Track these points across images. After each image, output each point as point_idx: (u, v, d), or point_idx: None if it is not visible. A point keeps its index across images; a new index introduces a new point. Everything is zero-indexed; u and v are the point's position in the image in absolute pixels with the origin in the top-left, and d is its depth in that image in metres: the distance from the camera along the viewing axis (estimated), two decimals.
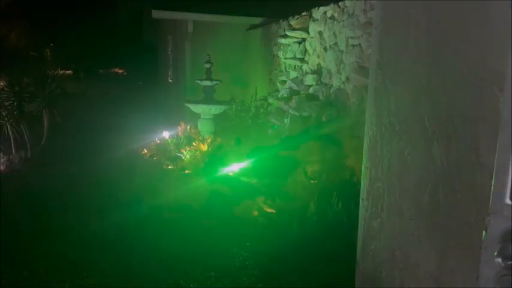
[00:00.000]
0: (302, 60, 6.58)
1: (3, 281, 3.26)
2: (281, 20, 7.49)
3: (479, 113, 1.52)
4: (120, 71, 29.94)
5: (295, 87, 6.47)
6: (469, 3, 1.56)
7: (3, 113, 6.81)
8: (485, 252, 1.09)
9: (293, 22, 6.67)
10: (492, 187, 1.09)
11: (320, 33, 6.06)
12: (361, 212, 2.37)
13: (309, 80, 6.14)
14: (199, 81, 6.80)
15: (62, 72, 8.80)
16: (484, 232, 1.09)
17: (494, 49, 1.45)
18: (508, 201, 1.05)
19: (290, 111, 5.97)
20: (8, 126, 6.79)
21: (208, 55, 6.83)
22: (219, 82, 6.80)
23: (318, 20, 6.12)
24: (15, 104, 6.84)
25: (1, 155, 6.85)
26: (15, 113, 6.83)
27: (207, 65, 6.76)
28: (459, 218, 1.58)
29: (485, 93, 1.49)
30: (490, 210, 1.08)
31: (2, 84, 7.11)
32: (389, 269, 2.07)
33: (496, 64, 1.43)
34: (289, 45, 6.95)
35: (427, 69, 1.81)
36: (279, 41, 7.16)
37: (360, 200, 2.39)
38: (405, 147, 1.97)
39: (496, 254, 1.03)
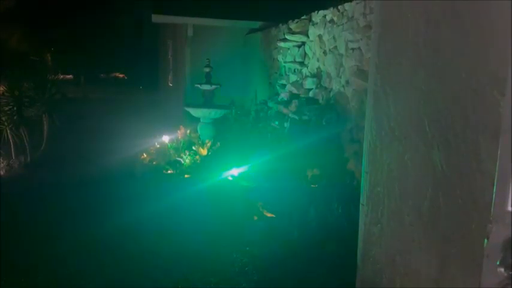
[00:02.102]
0: (302, 63, 6.57)
1: (1, 287, 3.24)
2: (280, 24, 7.49)
3: (480, 118, 1.50)
4: (121, 76, 30.00)
5: (295, 90, 6.46)
6: (468, 6, 1.55)
7: (3, 118, 6.79)
8: (487, 261, 1.06)
9: (292, 26, 6.67)
10: (494, 194, 1.07)
11: (320, 36, 6.05)
12: (361, 217, 2.35)
13: (309, 83, 6.13)
14: (198, 86, 6.79)
15: (62, 76, 8.81)
16: (485, 240, 1.07)
17: (494, 53, 1.43)
18: (509, 208, 1.03)
19: (290, 114, 5.96)
20: (8, 131, 6.78)
21: (207, 59, 6.83)
22: (218, 86, 6.79)
23: (317, 23, 6.12)
24: (15, 108, 6.83)
25: (1, 159, 6.84)
26: (15, 117, 6.82)
27: (207, 69, 6.75)
28: (460, 224, 1.56)
29: (485, 98, 1.47)
30: (491, 217, 1.06)
31: (1, 88, 7.10)
32: (389, 275, 2.05)
33: (496, 68, 1.41)
34: (288, 48, 6.95)
35: (427, 73, 1.79)
36: (278, 44, 7.16)
37: (360, 205, 2.37)
38: (405, 152, 1.95)
39: (498, 263, 1.01)
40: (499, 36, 1.41)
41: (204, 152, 5.94)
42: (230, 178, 5.30)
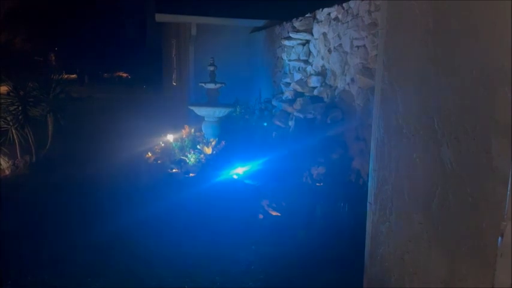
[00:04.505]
0: (306, 62, 6.55)
1: (7, 286, 3.25)
2: (285, 22, 7.47)
3: (491, 115, 1.48)
4: (124, 75, 30.07)
5: (299, 89, 6.43)
6: (479, 4, 1.52)
7: (8, 118, 6.82)
8: (501, 260, 1.05)
9: (297, 24, 6.64)
10: (508, 192, 1.05)
11: (324, 34, 6.02)
12: (369, 216, 2.33)
13: (314, 81, 6.10)
14: (203, 84, 6.78)
15: (66, 76, 8.82)
16: (500, 238, 1.05)
17: (505, 50, 1.41)
18: None
19: (295, 113, 5.93)
20: (13, 131, 6.81)
21: (212, 58, 6.82)
22: (223, 85, 6.77)
23: (322, 21, 6.09)
24: (20, 108, 6.85)
25: (6, 159, 6.87)
26: (20, 117, 6.84)
27: (211, 68, 6.74)
28: (470, 223, 1.54)
29: (496, 95, 1.45)
30: (505, 215, 1.04)
31: (7, 88, 7.13)
32: (398, 274, 2.03)
33: (507, 65, 1.39)
34: (293, 47, 6.92)
35: (436, 70, 1.77)
36: (282, 42, 7.13)
37: (368, 203, 2.35)
38: (414, 149, 1.94)
39: None
40: (510, 33, 1.39)
41: (208, 150, 5.94)
42: (235, 177, 5.29)
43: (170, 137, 6.70)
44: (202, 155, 5.88)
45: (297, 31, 6.49)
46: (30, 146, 6.94)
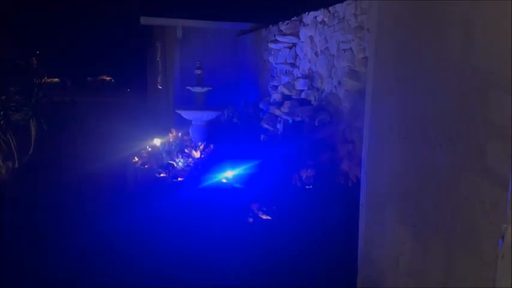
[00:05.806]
0: (293, 65, 6.57)
1: None
2: (271, 26, 7.48)
3: (485, 116, 1.49)
4: (108, 79, 29.73)
5: (286, 92, 6.44)
6: (471, 4, 1.54)
7: None
8: (502, 261, 1.05)
9: (283, 27, 6.66)
10: (509, 195, 1.05)
11: (311, 38, 6.05)
12: (362, 218, 2.33)
13: (301, 84, 6.12)
14: (190, 88, 6.74)
15: (49, 80, 8.66)
16: (500, 240, 1.06)
17: (498, 51, 1.43)
18: None
19: (282, 116, 5.94)
20: None
21: (198, 61, 6.79)
22: (210, 88, 6.74)
23: (308, 24, 6.12)
24: (2, 113, 6.69)
25: None
26: (2, 122, 6.67)
27: (198, 71, 6.70)
28: (466, 224, 1.55)
29: (490, 96, 1.47)
30: (507, 218, 1.05)
31: None
32: (392, 276, 2.03)
33: (501, 66, 1.41)
34: (279, 50, 6.93)
35: (428, 73, 1.79)
36: (269, 46, 7.14)
37: (360, 206, 2.35)
38: (406, 152, 1.95)
39: None
40: (503, 35, 1.41)
41: (197, 154, 5.89)
42: (224, 181, 5.26)
43: (157, 141, 6.62)
44: (190, 159, 5.83)
45: (284, 34, 6.51)
46: (13, 151, 6.77)
